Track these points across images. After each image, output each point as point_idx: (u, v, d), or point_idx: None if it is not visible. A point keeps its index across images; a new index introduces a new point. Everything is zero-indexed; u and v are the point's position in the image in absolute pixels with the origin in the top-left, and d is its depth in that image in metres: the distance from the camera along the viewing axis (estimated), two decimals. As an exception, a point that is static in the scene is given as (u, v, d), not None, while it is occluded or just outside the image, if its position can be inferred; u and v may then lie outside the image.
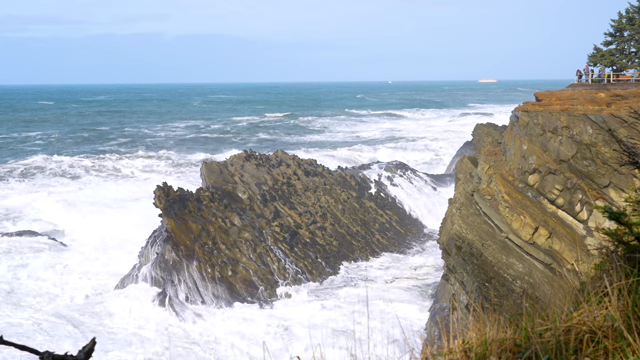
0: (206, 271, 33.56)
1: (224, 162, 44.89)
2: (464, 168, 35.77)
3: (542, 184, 26.57)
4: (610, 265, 3.75)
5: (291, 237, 38.79)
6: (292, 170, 45.42)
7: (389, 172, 53.24)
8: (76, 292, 33.60)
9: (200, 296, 32.39)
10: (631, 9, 34.46)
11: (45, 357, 2.52)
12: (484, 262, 26.83)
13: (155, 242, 35.33)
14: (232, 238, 36.53)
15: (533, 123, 27.40)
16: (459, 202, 30.72)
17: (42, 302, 32.07)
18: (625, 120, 23.58)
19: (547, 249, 25.55)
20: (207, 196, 38.80)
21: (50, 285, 34.34)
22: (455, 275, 29.23)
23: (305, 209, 42.22)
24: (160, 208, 35.71)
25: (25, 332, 28.23)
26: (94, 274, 36.55)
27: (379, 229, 44.37)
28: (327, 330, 27.88)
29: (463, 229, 28.48)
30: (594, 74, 33.30)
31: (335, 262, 38.87)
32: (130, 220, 45.76)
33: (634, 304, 3.15)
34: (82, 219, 46.87)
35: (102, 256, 39.29)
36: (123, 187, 59.88)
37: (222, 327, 30.10)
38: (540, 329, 3.19)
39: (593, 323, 3.05)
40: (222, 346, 27.98)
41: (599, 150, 24.52)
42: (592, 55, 35.29)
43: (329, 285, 35.97)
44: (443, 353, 3.29)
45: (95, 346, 2.65)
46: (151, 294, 31.89)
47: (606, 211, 3.74)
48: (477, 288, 26.22)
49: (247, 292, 33.71)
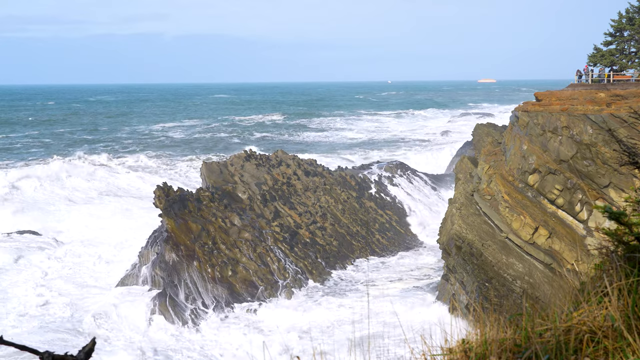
0: (206, 271, 33.56)
1: (224, 162, 44.89)
2: (464, 168, 35.77)
3: (542, 184, 26.57)
4: (610, 265, 3.75)
5: (291, 237, 38.80)
6: (292, 170, 45.43)
7: (389, 172, 53.25)
8: (75, 293, 33.60)
9: (200, 296, 32.39)
10: (631, 9, 34.47)
11: (45, 357, 2.52)
12: (484, 262, 26.84)
13: (155, 242, 35.33)
14: (232, 238, 36.54)
15: (533, 123, 27.40)
16: (459, 202, 30.72)
17: (42, 302, 32.05)
18: (625, 120, 23.58)
19: (547, 249, 25.56)
20: (207, 196, 38.81)
21: (49, 285, 34.33)
22: (455, 275, 29.23)
23: (305, 209, 42.22)
24: (160, 208, 35.71)
25: (24, 332, 28.23)
26: (93, 274, 36.56)
27: (379, 229, 44.37)
28: (327, 330, 27.88)
29: (463, 229, 28.48)
30: (594, 74, 33.30)
31: (335, 262, 38.87)
32: (130, 220, 45.78)
33: (634, 304, 3.15)
34: (81, 218, 46.86)
35: (102, 256, 39.29)
36: (123, 187, 59.89)
37: (222, 327, 30.09)
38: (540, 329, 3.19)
39: (593, 323, 3.05)
40: (222, 346, 27.97)
41: (599, 150, 24.53)
42: (592, 55, 35.29)
43: (329, 285, 35.96)
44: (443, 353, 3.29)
45: (95, 346, 2.65)
46: (151, 294, 31.88)
47: (606, 211, 3.74)
48: (477, 288, 26.22)
49: (247, 292, 33.71)
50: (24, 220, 46.46)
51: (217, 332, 29.47)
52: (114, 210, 49.40)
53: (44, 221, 46.67)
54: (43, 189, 57.02)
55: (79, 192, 57.19)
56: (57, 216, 48.31)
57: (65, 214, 48.98)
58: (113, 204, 51.89)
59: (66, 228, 45.13)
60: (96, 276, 36.25)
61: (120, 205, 51.75)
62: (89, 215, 47.65)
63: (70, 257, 39.02)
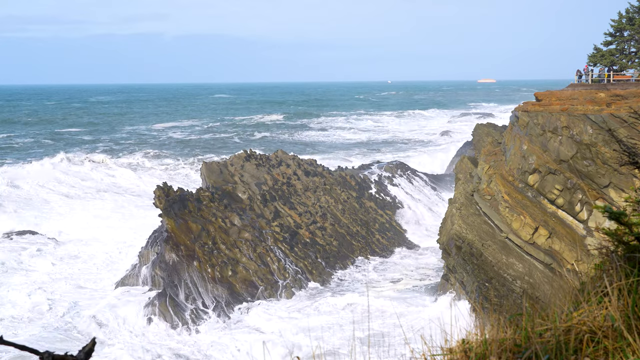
0: (206, 271, 33.56)
1: (224, 162, 44.89)
2: (464, 168, 35.77)
3: (542, 184, 26.57)
4: (610, 265, 3.75)
5: (291, 237, 38.80)
6: (292, 170, 45.43)
7: (389, 172, 53.24)
8: (75, 293, 33.59)
9: (200, 296, 32.38)
10: (631, 9, 34.48)
11: (45, 357, 2.52)
12: (484, 262, 26.83)
13: (155, 242, 35.33)
14: (232, 238, 36.54)
15: (533, 123, 27.40)
16: (459, 202, 30.72)
17: (41, 302, 32.03)
18: (625, 120, 23.58)
19: (547, 249, 25.56)
20: (207, 196, 38.81)
21: (49, 285, 34.32)
22: (455, 275, 29.24)
23: (305, 209, 42.22)
24: (160, 208, 35.72)
25: (23, 333, 28.22)
26: (93, 274, 36.56)
27: (379, 229, 44.38)
28: (327, 330, 27.87)
29: (463, 229, 28.48)
30: (594, 74, 33.30)
31: (335, 262, 38.87)
32: (130, 220, 45.80)
33: (634, 304, 3.15)
34: (80, 218, 46.85)
35: (101, 256, 39.29)
36: (122, 187, 59.91)
37: (222, 327, 30.09)
38: (540, 329, 3.19)
39: (593, 323, 3.05)
40: (222, 346, 27.96)
41: (599, 150, 24.52)
42: (592, 55, 35.30)
43: (329, 285, 35.96)
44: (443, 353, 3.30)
45: (95, 346, 2.65)
46: (151, 295, 31.88)
47: (606, 211, 3.74)
48: (477, 288, 26.22)
49: (247, 292, 33.71)
50: (23, 220, 46.45)
51: (217, 333, 29.47)
52: (113, 210, 49.41)
53: (43, 221, 46.66)
54: (42, 189, 57.02)
55: (78, 192, 57.20)
56: (56, 216, 48.30)
57: (64, 214, 48.98)
58: (112, 204, 51.91)
59: (65, 228, 45.10)
60: (96, 276, 36.25)
61: (120, 205, 51.76)
62: (88, 215, 47.65)
63: (69, 257, 39.02)
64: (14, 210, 49.07)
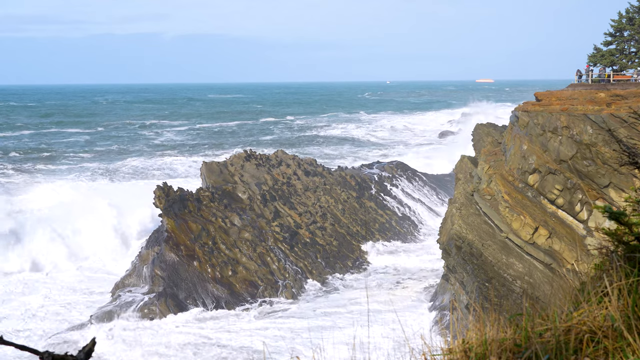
0: (206, 271, 33.56)
1: (224, 162, 44.88)
2: (464, 168, 35.78)
3: (542, 184, 26.57)
4: (610, 265, 3.75)
5: (291, 237, 38.79)
6: (292, 170, 45.43)
7: (389, 172, 53.24)
8: (74, 293, 33.59)
9: (200, 296, 32.38)
10: (631, 9, 34.48)
11: (45, 357, 2.52)
12: (484, 262, 26.83)
13: (155, 242, 35.32)
14: (232, 238, 36.53)
15: (533, 123, 27.40)
16: (459, 202, 30.72)
17: (41, 302, 32.05)
18: (625, 120, 23.58)
19: (547, 249, 25.56)
20: (207, 196, 38.80)
21: (47, 285, 34.32)
22: (455, 275, 29.23)
23: (305, 209, 42.22)
24: (160, 208, 35.71)
25: (23, 333, 28.22)
26: (92, 274, 36.55)
27: (379, 229, 44.37)
28: (327, 330, 27.88)
29: (463, 229, 28.48)
30: (594, 74, 33.30)
31: (335, 262, 38.86)
32: (130, 220, 45.75)
33: (634, 304, 3.15)
34: (80, 218, 46.79)
35: (101, 256, 39.28)
36: (122, 187, 59.84)
37: (222, 327, 30.09)
38: (540, 329, 3.19)
39: (593, 323, 3.05)
40: (222, 346, 27.97)
41: (599, 150, 24.52)
42: (592, 55, 35.31)
43: (329, 285, 35.97)
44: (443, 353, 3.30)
45: (95, 346, 2.65)
46: (151, 294, 31.87)
47: (606, 211, 3.74)
48: (477, 288, 26.22)
49: (247, 292, 33.70)
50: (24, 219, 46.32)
51: (217, 333, 29.46)
52: (113, 210, 49.34)
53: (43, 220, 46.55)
54: (41, 189, 56.97)
55: (77, 191, 57.15)
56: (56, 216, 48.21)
57: (64, 213, 48.89)
58: (112, 204, 51.83)
59: (64, 228, 45.02)
60: (96, 276, 36.23)
61: (120, 205, 51.69)
62: (87, 215, 47.58)
63: (67, 257, 38.99)
64: (15, 208, 48.99)
